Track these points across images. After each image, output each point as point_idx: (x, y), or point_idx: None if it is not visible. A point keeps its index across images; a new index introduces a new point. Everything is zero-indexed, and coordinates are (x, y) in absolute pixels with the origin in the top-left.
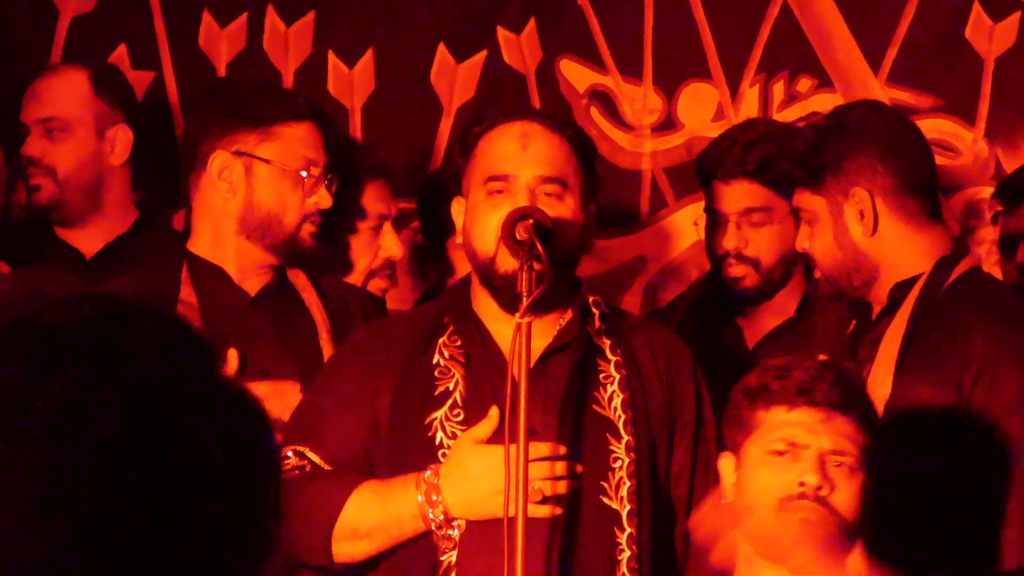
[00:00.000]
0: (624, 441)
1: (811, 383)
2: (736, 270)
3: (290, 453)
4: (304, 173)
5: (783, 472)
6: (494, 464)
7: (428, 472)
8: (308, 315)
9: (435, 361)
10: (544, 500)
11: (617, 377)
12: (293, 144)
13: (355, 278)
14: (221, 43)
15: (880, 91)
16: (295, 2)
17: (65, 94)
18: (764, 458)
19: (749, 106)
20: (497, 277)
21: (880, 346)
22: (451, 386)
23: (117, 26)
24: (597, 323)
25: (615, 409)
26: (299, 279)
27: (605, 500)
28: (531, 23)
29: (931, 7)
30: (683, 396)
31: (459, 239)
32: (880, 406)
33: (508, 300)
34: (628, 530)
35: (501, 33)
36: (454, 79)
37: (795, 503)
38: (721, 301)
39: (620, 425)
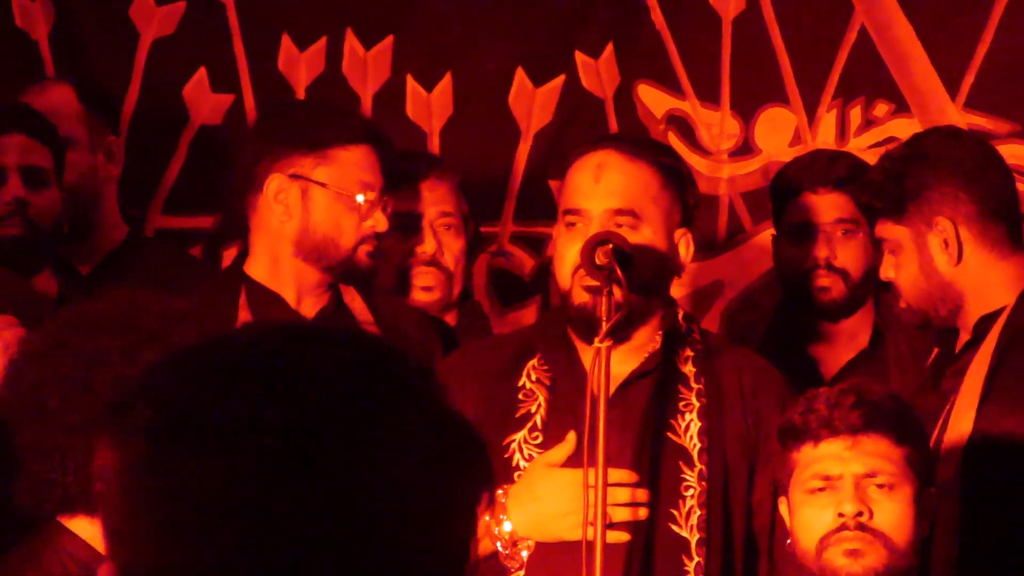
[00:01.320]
0: (697, 470)
1: (830, 412)
2: (825, 280)
3: None
4: (360, 197)
5: (824, 508)
6: (562, 486)
7: (499, 492)
8: None
9: (520, 383)
10: (613, 526)
11: (697, 405)
12: (349, 168)
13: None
14: (300, 66)
15: (957, 116)
16: (374, 26)
17: (57, 111)
18: (805, 498)
19: (826, 131)
20: (572, 308)
21: (964, 379)
22: (532, 409)
23: (197, 49)
24: (687, 351)
25: (691, 437)
26: (355, 302)
27: (675, 528)
28: (609, 48)
29: (1009, 31)
30: (768, 424)
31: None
32: (961, 440)
33: (584, 331)
34: (696, 559)
35: (579, 57)
36: (532, 103)
37: (838, 536)
38: (795, 330)
39: (695, 453)
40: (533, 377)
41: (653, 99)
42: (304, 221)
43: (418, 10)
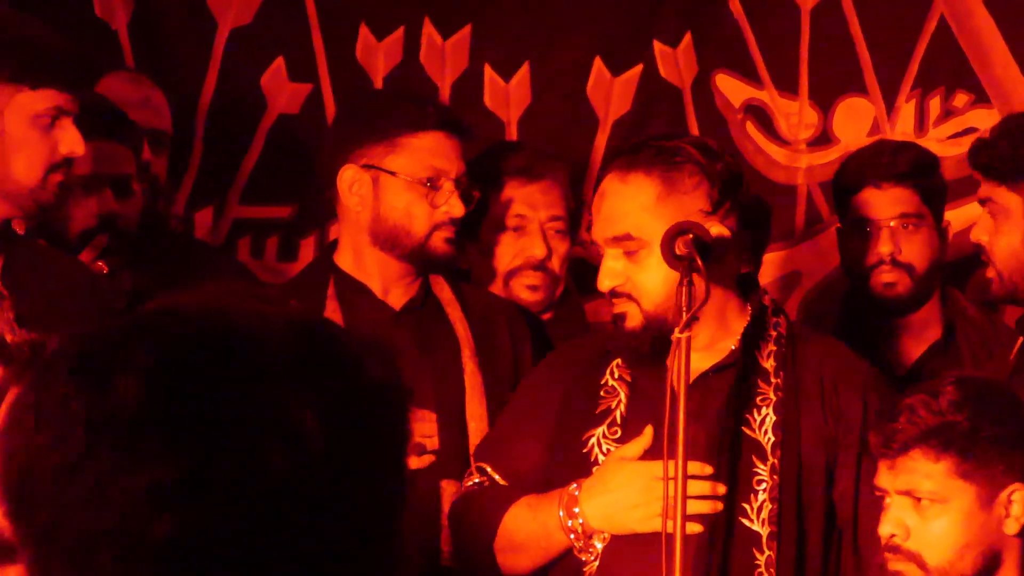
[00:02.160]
0: (769, 464)
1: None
2: (890, 275)
3: (474, 469)
4: (431, 183)
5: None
6: (634, 479)
7: (573, 486)
8: (452, 331)
9: (603, 381)
10: (688, 518)
11: (774, 399)
12: (420, 154)
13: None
14: (378, 56)
15: None
16: (452, 15)
17: (165, 108)
18: None
19: (905, 121)
20: (622, 336)
21: None
22: (613, 405)
23: (275, 38)
24: (770, 344)
25: (765, 431)
26: (444, 292)
27: (746, 522)
28: (687, 37)
29: None
30: (848, 418)
31: None
32: None
33: (633, 351)
34: (767, 553)
35: (657, 47)
36: (610, 93)
37: (888, 556)
38: (864, 324)
39: (768, 447)
40: (616, 375)
41: (731, 88)
42: (376, 210)
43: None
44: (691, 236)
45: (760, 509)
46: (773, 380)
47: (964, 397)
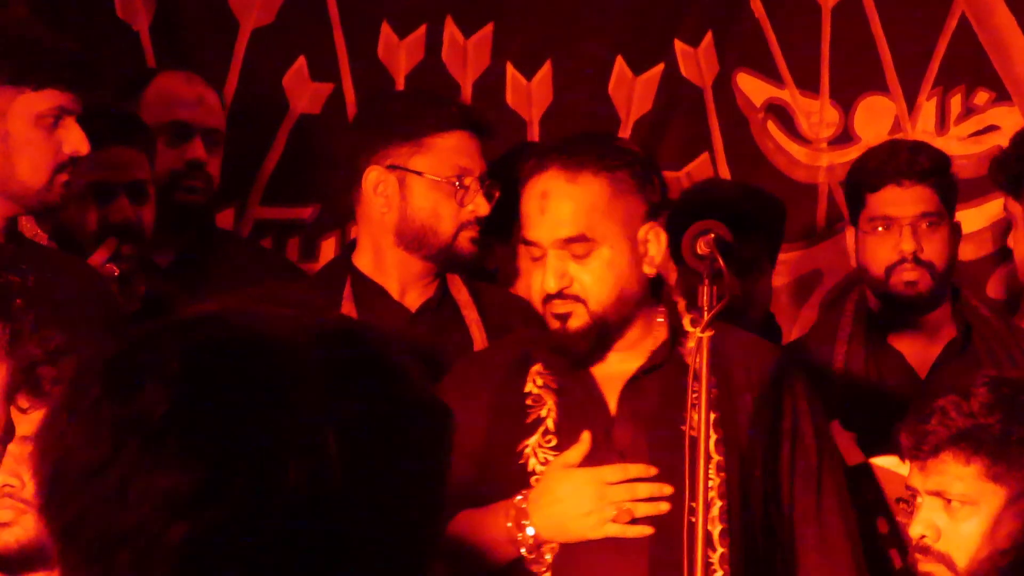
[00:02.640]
0: (715, 461)
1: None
2: (912, 274)
3: None
4: (458, 182)
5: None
6: (584, 486)
7: (519, 497)
8: (467, 333)
9: (527, 390)
10: (635, 521)
11: (709, 396)
12: (445, 154)
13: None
14: (400, 54)
15: None
16: (474, 14)
17: (221, 109)
18: None
19: (926, 119)
20: (550, 336)
21: None
22: (543, 413)
23: (297, 38)
24: (690, 342)
25: (706, 429)
26: (461, 294)
27: (697, 520)
28: (708, 36)
29: None
30: (779, 410)
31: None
32: None
33: (562, 355)
34: (720, 550)
35: (678, 46)
36: (632, 92)
37: (918, 557)
38: (881, 323)
39: (711, 445)
40: (539, 383)
41: (752, 88)
42: (403, 210)
43: None
44: (713, 236)
45: (709, 506)
46: (704, 377)
47: (996, 399)
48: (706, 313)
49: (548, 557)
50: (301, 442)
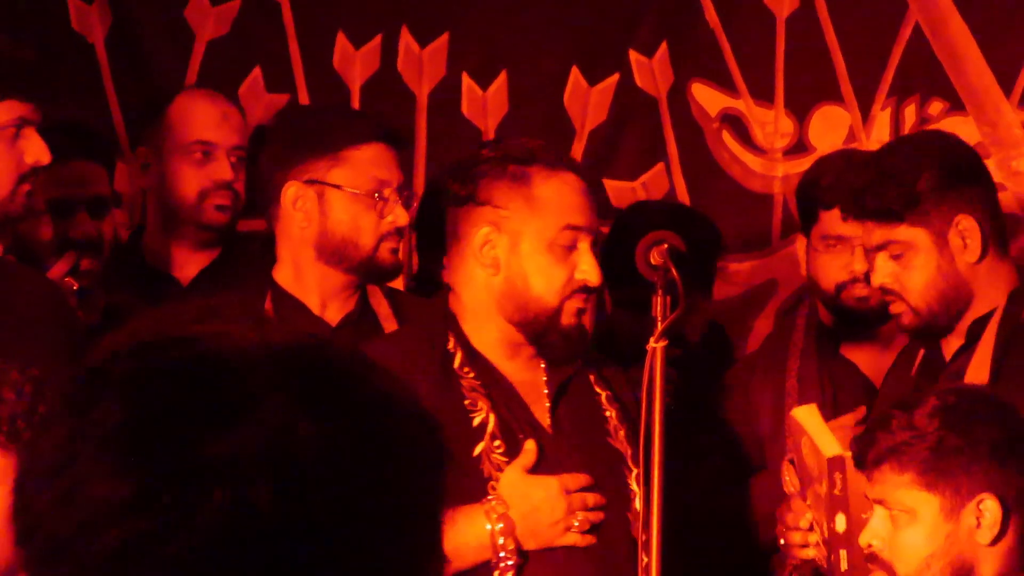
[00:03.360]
0: (634, 473)
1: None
2: (863, 291)
3: None
4: (377, 194)
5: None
6: (554, 494)
7: (495, 502)
8: None
9: (460, 392)
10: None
11: (613, 411)
12: (363, 166)
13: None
14: (355, 65)
15: (1012, 114)
16: (429, 24)
17: (244, 126)
18: None
19: (881, 129)
20: (559, 331)
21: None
22: (483, 418)
23: (252, 49)
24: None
25: (622, 442)
26: (381, 306)
27: (628, 530)
28: (663, 46)
29: None
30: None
31: (484, 271)
32: None
33: (562, 354)
34: (645, 559)
35: (633, 56)
36: (587, 102)
37: (870, 566)
38: (830, 335)
39: (628, 458)
40: (466, 385)
41: (707, 98)
42: (323, 224)
43: (473, 8)
44: (666, 246)
45: (636, 517)
46: (600, 391)
47: (937, 409)
48: (660, 323)
49: (511, 563)
50: (230, 466)
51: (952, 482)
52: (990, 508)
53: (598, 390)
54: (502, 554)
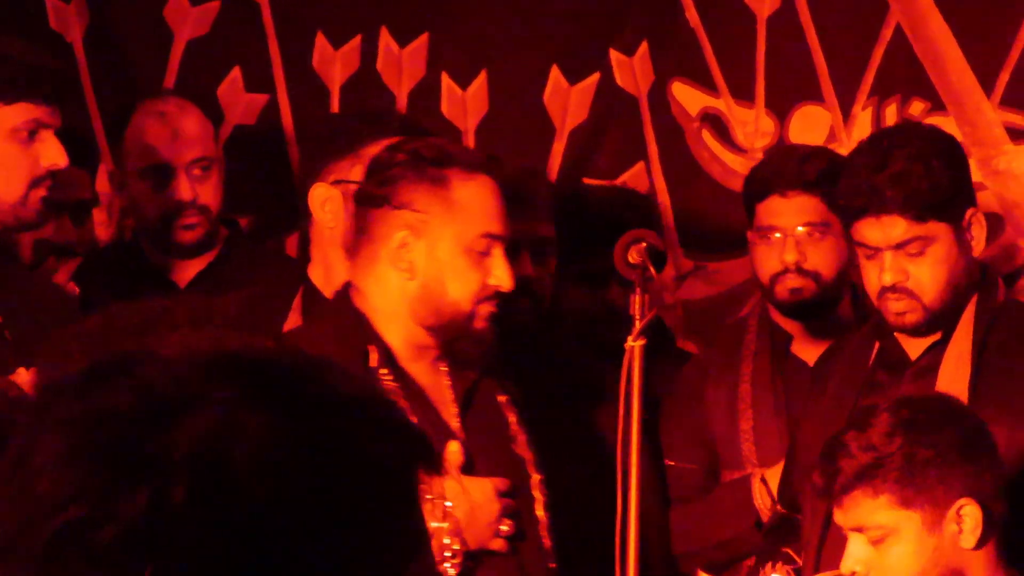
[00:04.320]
0: (534, 479)
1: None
2: (795, 281)
3: None
4: None
5: None
6: (490, 495)
7: (437, 499)
8: None
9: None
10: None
11: (514, 416)
12: None
13: None
14: (335, 65)
15: (992, 113)
16: (409, 24)
17: (204, 132)
18: None
19: (862, 129)
20: (470, 335)
21: (938, 382)
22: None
23: (231, 49)
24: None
25: (523, 447)
26: None
27: (538, 534)
28: (644, 46)
29: None
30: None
31: (399, 275)
32: None
33: (472, 359)
34: (552, 566)
35: (614, 56)
36: (567, 101)
37: None
38: (782, 335)
39: (530, 464)
40: (387, 387)
41: (688, 97)
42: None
43: (453, 8)
44: (645, 244)
45: (542, 522)
46: (504, 396)
47: (895, 424)
48: (638, 322)
49: (457, 562)
50: (156, 464)
51: (930, 494)
52: (970, 513)
53: (499, 396)
54: (448, 553)
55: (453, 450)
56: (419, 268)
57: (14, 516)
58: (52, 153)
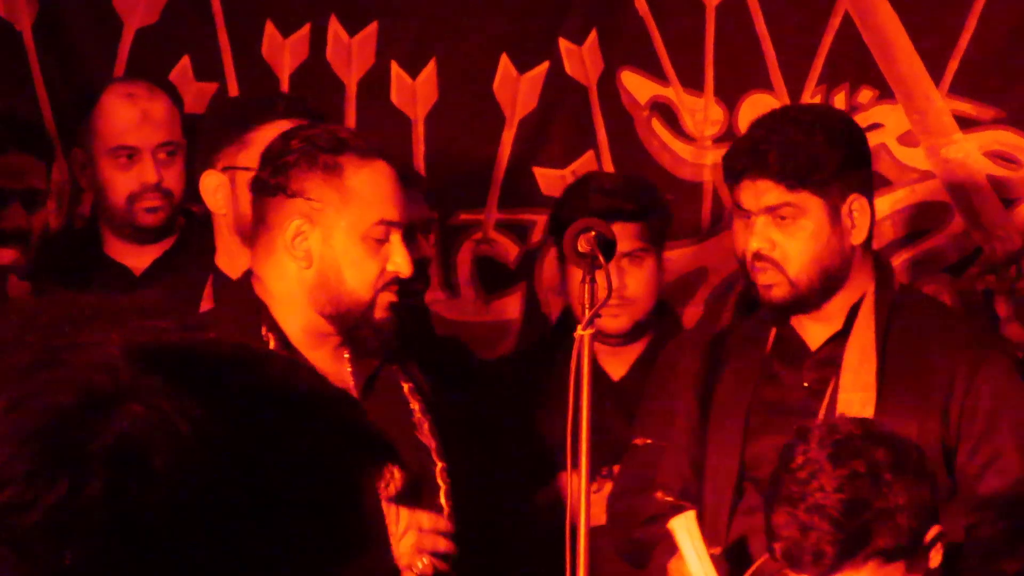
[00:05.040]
0: (439, 467)
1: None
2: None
3: None
4: None
5: None
6: (405, 527)
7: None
8: None
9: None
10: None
11: (417, 404)
12: (265, 145)
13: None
14: (284, 53)
15: (941, 102)
16: (358, 12)
17: (172, 117)
18: None
19: None
20: (371, 324)
21: (842, 373)
22: None
23: (181, 38)
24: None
25: (427, 435)
26: None
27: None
28: (593, 34)
29: (993, 17)
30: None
31: (295, 263)
32: None
33: (373, 347)
34: (454, 553)
35: (563, 44)
36: (516, 90)
37: None
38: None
39: (434, 452)
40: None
41: (637, 86)
42: (236, 209)
43: None
44: (594, 233)
45: (442, 510)
46: (403, 384)
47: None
48: (587, 311)
49: None
50: (77, 456)
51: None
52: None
53: (402, 383)
54: None
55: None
56: (315, 257)
57: None
58: None
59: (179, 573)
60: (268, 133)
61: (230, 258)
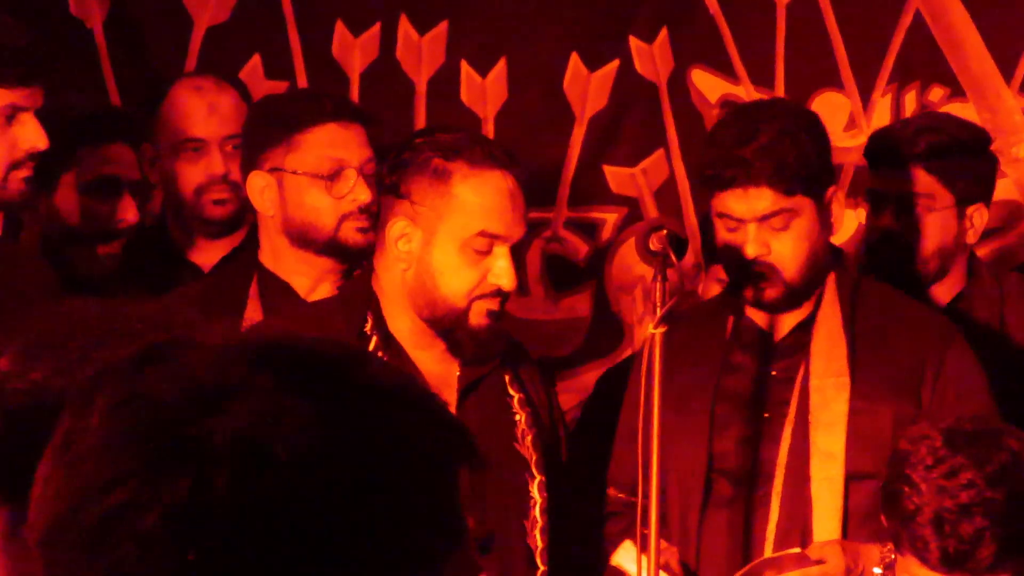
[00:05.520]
0: (537, 481)
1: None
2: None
3: None
4: (332, 175)
5: None
6: None
7: None
8: None
9: None
10: None
11: (523, 415)
12: (317, 148)
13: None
14: (354, 52)
15: (1012, 100)
16: (428, 11)
17: (239, 111)
18: None
19: (881, 115)
20: (466, 329)
21: (812, 361)
22: None
23: (251, 36)
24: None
25: (528, 447)
26: None
27: (525, 538)
28: (663, 32)
29: None
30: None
31: (399, 264)
32: (841, 421)
33: (469, 352)
34: (541, 568)
35: (633, 42)
36: (586, 88)
37: None
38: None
39: (533, 464)
40: None
41: (707, 84)
42: (284, 211)
43: None
44: (665, 232)
45: (534, 525)
46: (513, 393)
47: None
48: (659, 309)
49: None
50: (201, 448)
51: None
52: None
53: (511, 392)
54: None
55: None
56: (415, 259)
57: (63, 501)
58: (31, 136)
59: (302, 562)
60: (319, 136)
61: (275, 257)
